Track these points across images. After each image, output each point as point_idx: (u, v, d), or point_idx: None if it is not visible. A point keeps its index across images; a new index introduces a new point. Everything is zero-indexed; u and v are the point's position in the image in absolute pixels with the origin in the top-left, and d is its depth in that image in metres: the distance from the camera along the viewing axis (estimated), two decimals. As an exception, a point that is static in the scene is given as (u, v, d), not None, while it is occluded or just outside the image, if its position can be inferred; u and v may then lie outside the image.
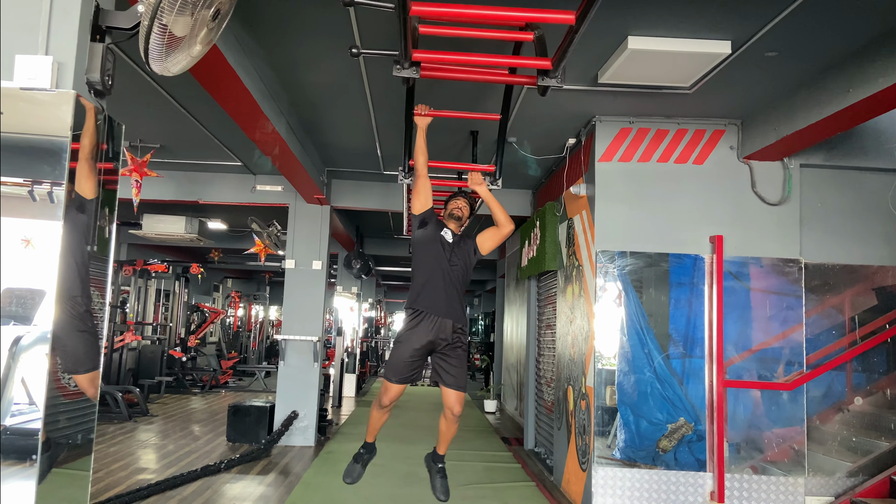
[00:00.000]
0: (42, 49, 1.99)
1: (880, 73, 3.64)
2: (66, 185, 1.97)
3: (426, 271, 3.74)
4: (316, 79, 4.72)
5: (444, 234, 3.81)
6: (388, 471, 6.48)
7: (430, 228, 3.79)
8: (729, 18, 3.55)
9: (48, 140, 1.96)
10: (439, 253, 3.74)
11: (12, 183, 1.97)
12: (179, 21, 2.08)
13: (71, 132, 1.96)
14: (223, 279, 18.19)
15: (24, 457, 2.25)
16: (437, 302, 3.66)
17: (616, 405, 5.05)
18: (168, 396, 11.57)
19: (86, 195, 2.08)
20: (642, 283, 5.12)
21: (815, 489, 4.95)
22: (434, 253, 3.74)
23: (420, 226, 3.80)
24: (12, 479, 2.21)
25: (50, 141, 1.96)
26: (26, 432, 2.38)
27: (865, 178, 5.22)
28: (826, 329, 5.18)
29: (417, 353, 3.65)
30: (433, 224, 3.82)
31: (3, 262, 2.01)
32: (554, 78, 2.47)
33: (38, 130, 1.99)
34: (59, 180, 1.97)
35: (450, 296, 3.70)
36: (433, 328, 3.64)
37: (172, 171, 7.68)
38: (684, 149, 5.19)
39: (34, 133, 2.00)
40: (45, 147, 1.97)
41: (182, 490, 5.52)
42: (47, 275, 2.02)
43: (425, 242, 3.78)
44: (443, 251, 3.75)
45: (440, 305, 3.65)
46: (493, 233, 3.91)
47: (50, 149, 1.96)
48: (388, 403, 3.79)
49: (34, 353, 2.48)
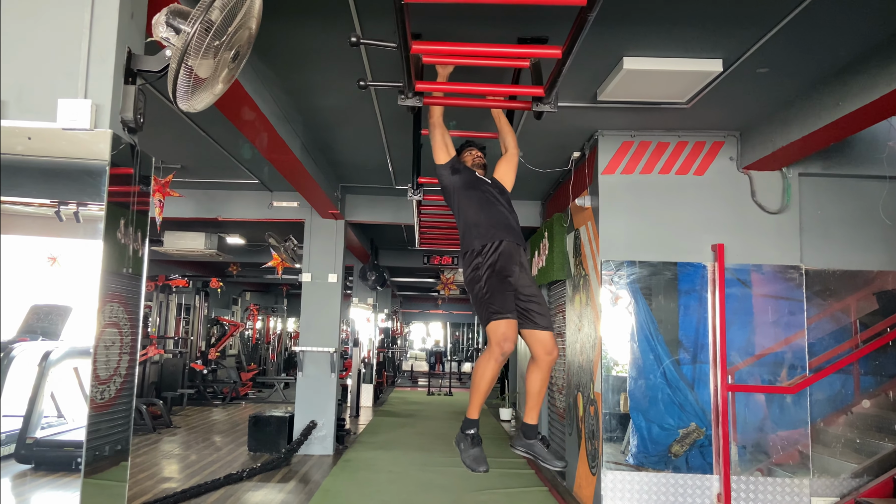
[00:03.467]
0: (81, 93, 2.22)
1: (866, 87, 3.79)
2: (105, 207, 2.18)
3: (478, 207, 3.35)
4: (328, 102, 4.95)
5: (479, 174, 3.54)
6: (404, 478, 6.67)
7: (465, 174, 3.47)
8: (719, 38, 3.73)
9: (90, 164, 2.19)
10: (485, 189, 3.41)
11: (46, 204, 2.20)
12: (203, 64, 2.30)
13: (109, 165, 2.19)
14: (241, 292, 18.51)
15: (57, 468, 2.46)
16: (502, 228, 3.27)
17: (629, 411, 5.19)
18: (190, 408, 11.85)
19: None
20: (651, 290, 5.28)
21: (821, 490, 5.05)
22: (479, 191, 3.40)
23: (453, 172, 3.44)
24: (46, 489, 2.41)
25: (90, 164, 2.19)
26: (58, 444, 2.59)
27: (863, 186, 5.35)
28: (828, 333, 5.30)
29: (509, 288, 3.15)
30: (464, 169, 3.51)
31: (30, 279, 2.22)
32: (547, 104, 2.66)
33: (79, 156, 2.22)
34: (100, 202, 2.19)
35: (512, 221, 3.36)
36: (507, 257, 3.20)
37: (192, 190, 7.95)
38: (685, 160, 5.36)
39: (75, 157, 2.23)
40: (86, 170, 2.20)
41: (206, 498, 5.75)
42: (81, 291, 2.23)
43: (465, 187, 3.42)
44: (489, 188, 3.44)
45: (507, 229, 3.27)
46: (506, 166, 3.68)
47: (91, 171, 2.18)
48: (512, 348, 3.07)
49: (63, 368, 2.68)
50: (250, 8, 2.38)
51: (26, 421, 2.62)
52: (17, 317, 2.35)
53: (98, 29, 2.24)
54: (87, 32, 2.23)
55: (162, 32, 2.31)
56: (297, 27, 3.71)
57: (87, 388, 2.22)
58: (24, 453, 2.56)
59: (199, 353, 13.60)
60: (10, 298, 2.24)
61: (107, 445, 2.44)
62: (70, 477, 2.32)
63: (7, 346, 2.36)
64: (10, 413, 2.52)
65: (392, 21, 2.38)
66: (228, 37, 2.32)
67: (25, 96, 2.20)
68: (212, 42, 2.26)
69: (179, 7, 2.34)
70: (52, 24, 2.24)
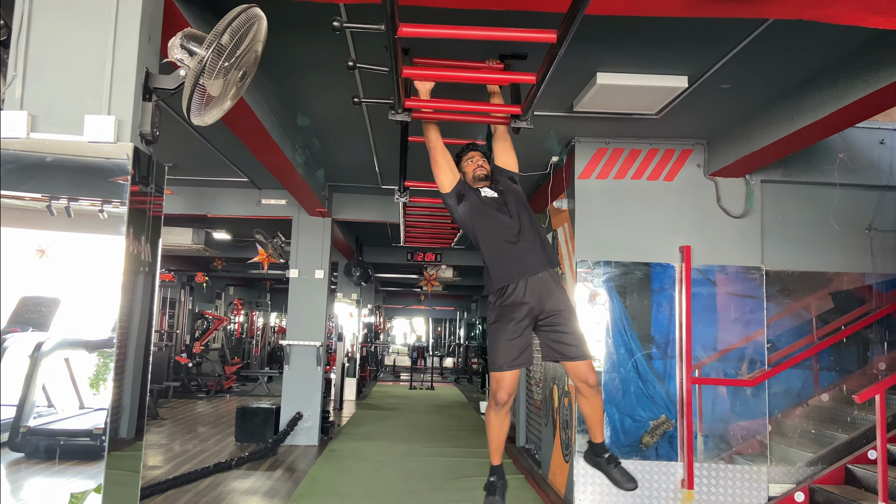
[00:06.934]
0: (105, 109, 2.46)
1: (817, 104, 4.13)
2: (128, 205, 2.42)
3: (490, 242, 3.26)
4: (320, 107, 5.20)
5: (484, 193, 3.36)
6: (388, 466, 6.96)
7: (471, 199, 3.33)
8: (683, 58, 4.05)
9: (113, 171, 2.43)
10: (493, 215, 3.28)
11: (38, 198, 2.42)
12: (215, 83, 2.56)
13: (130, 174, 2.44)
14: (225, 287, 18.64)
15: (50, 457, 2.52)
16: (518, 264, 3.17)
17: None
18: (175, 401, 12.03)
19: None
20: (626, 289, 5.60)
21: (778, 477, 5.42)
22: (489, 218, 3.28)
23: (459, 200, 3.34)
24: (40, 476, 2.57)
25: (113, 172, 2.43)
26: (50, 433, 2.57)
27: (822, 192, 5.71)
28: (787, 330, 5.66)
29: (520, 325, 3.11)
30: (470, 193, 3.36)
31: (16, 271, 2.40)
32: (524, 121, 2.96)
33: (104, 166, 2.46)
34: (123, 196, 2.43)
35: (529, 248, 3.21)
36: (526, 291, 3.12)
37: (183, 187, 8.15)
38: (656, 167, 5.69)
39: (101, 157, 2.46)
40: (109, 177, 2.43)
41: (197, 485, 5.99)
42: (64, 284, 2.43)
43: (473, 215, 3.31)
44: (496, 212, 3.29)
45: (524, 264, 3.17)
46: (501, 145, 3.50)
47: (113, 177, 2.42)
48: (505, 398, 3.15)
49: (54, 359, 2.82)
50: (257, 33, 2.65)
51: (19, 410, 2.60)
52: (6, 308, 2.43)
53: (120, 52, 2.49)
54: (111, 55, 2.48)
55: (176, 54, 2.57)
56: (292, 40, 3.96)
57: (111, 377, 2.46)
58: (17, 441, 2.59)
59: (183, 347, 13.76)
60: (8, 290, 2.39)
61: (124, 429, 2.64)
62: (62, 465, 2.50)
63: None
64: (4, 402, 2.53)
65: (382, 37, 2.63)
66: (237, 59, 2.59)
67: (54, 112, 2.44)
68: (223, 64, 2.52)
69: (192, 31, 2.60)
70: (79, 47, 2.48)
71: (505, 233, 3.23)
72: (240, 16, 2.50)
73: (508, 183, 3.42)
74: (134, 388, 2.73)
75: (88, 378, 2.55)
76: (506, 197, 3.33)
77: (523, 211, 3.32)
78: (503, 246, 3.21)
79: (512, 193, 3.36)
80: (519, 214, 3.29)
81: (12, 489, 2.60)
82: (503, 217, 3.26)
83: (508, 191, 3.37)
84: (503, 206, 3.29)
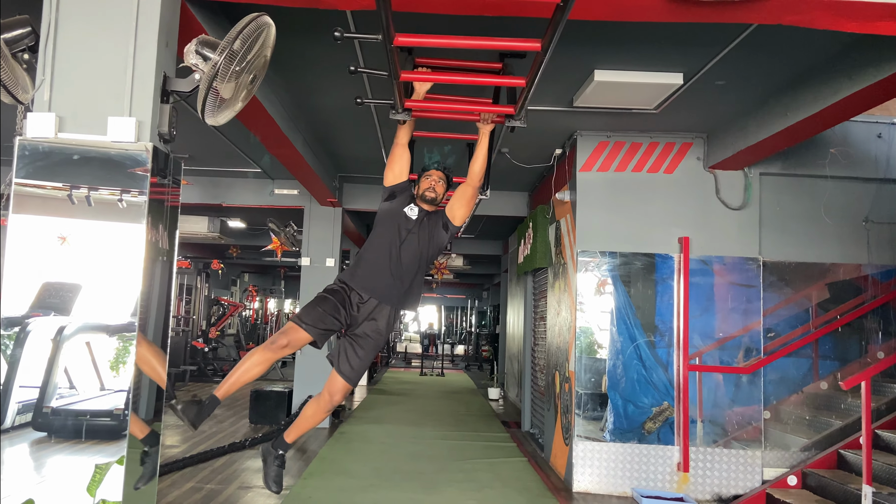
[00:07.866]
0: (127, 111, 2.67)
1: (810, 100, 4.26)
2: (148, 195, 2.62)
3: (376, 247, 3.33)
4: (328, 102, 5.39)
5: (409, 210, 3.37)
6: (395, 448, 7.20)
7: (396, 202, 3.37)
8: (679, 55, 4.19)
9: (134, 159, 2.62)
10: (398, 231, 3.31)
11: (58, 187, 2.60)
12: (227, 86, 2.75)
13: (149, 171, 2.64)
14: (240, 274, 18.98)
15: (72, 436, 2.64)
16: (378, 283, 3.26)
17: (606, 391, 5.70)
18: (192, 384, 12.36)
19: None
20: (630, 278, 5.76)
21: (772, 462, 5.58)
22: (394, 230, 3.32)
23: (388, 198, 3.39)
24: (62, 454, 2.73)
25: (135, 160, 2.62)
26: (73, 413, 2.68)
27: (819, 185, 5.83)
28: (783, 319, 5.81)
29: (338, 313, 3.22)
30: (402, 198, 3.39)
31: (38, 258, 2.56)
32: (518, 120, 3.13)
33: (126, 162, 2.66)
34: (143, 190, 2.62)
35: (395, 281, 3.27)
36: (365, 304, 3.26)
37: (198, 178, 8.39)
38: (656, 160, 5.83)
39: (122, 152, 2.65)
40: (130, 163, 2.62)
41: (212, 463, 6.26)
42: (85, 270, 2.60)
43: (384, 218, 3.38)
44: (404, 230, 3.32)
45: (382, 287, 3.26)
46: (460, 196, 3.43)
47: (134, 172, 2.62)
48: (284, 344, 3.14)
49: (75, 342, 2.94)
50: (266, 38, 2.83)
51: (42, 391, 2.71)
52: (29, 293, 2.57)
53: (140, 57, 2.69)
54: (132, 61, 2.68)
55: (192, 59, 2.77)
56: (301, 40, 4.15)
57: (131, 360, 2.67)
58: (40, 421, 2.69)
59: (200, 332, 14.09)
60: (24, 276, 2.54)
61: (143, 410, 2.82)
62: (84, 444, 2.64)
63: (23, 321, 2.60)
64: (27, 384, 2.66)
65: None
66: (248, 63, 2.78)
67: (79, 114, 2.65)
68: (234, 68, 2.71)
69: (206, 38, 2.80)
70: (102, 53, 2.69)
71: (392, 251, 3.28)
72: (250, 23, 2.69)
73: (438, 225, 3.41)
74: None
75: (109, 361, 2.69)
76: (423, 230, 3.35)
77: (424, 255, 3.35)
78: (382, 259, 3.28)
79: (431, 234, 3.37)
80: (419, 253, 3.33)
81: (35, 466, 2.73)
82: (405, 239, 3.31)
83: (431, 230, 3.38)
84: (412, 233, 3.32)
